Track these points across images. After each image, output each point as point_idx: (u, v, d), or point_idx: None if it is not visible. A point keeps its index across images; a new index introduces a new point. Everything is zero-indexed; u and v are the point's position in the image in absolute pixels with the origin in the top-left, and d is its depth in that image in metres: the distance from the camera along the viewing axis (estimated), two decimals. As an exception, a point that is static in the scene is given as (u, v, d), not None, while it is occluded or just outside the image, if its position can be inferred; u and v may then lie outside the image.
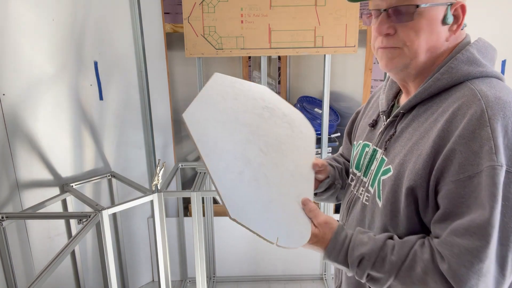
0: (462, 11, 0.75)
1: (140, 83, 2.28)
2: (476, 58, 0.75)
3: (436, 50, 0.77)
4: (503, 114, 0.65)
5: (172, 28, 2.30)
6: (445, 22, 0.75)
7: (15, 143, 1.82)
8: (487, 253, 0.62)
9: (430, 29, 0.74)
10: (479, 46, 0.78)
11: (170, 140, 2.50)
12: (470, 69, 0.74)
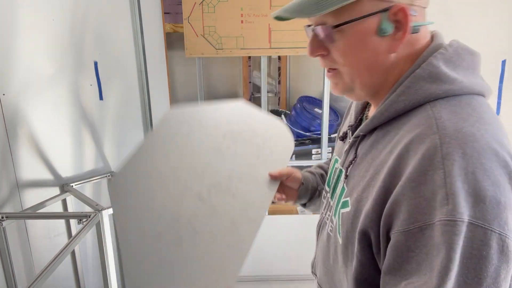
0: (403, 15, 0.61)
1: (140, 83, 2.27)
2: (441, 72, 0.60)
3: (380, 66, 0.64)
4: (462, 152, 0.51)
5: (172, 28, 2.30)
6: (381, 33, 0.60)
7: (15, 143, 1.82)
8: None
9: (362, 46, 0.61)
10: (448, 54, 0.63)
11: (170, 140, 2.49)
12: (432, 87, 0.60)
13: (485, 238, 0.49)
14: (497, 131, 0.56)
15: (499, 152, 0.52)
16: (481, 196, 0.50)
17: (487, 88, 0.63)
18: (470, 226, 0.49)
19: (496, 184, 0.50)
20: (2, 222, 1.68)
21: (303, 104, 2.67)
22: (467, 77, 0.61)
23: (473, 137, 0.53)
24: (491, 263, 0.49)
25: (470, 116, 0.56)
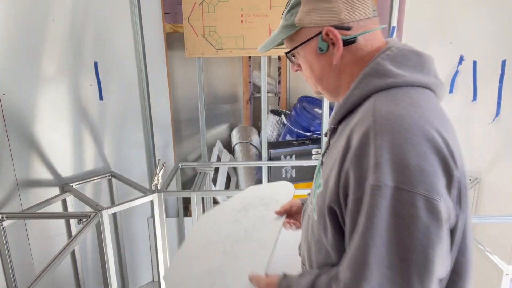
0: (332, 35, 0.73)
1: (140, 83, 2.28)
2: (386, 69, 0.71)
3: (329, 74, 0.78)
4: (391, 130, 0.61)
5: (172, 28, 2.30)
6: (320, 51, 0.76)
7: (15, 143, 1.82)
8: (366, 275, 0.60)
9: (312, 62, 0.79)
10: (393, 55, 0.72)
11: (170, 140, 2.50)
12: (377, 82, 0.71)
13: (411, 200, 0.58)
14: (428, 113, 0.65)
15: (426, 129, 0.62)
16: (406, 164, 0.59)
17: (436, 84, 0.74)
18: (397, 191, 0.59)
19: (421, 155, 0.60)
20: (2, 222, 1.68)
21: (303, 104, 2.67)
22: (412, 73, 0.71)
23: (402, 117, 0.63)
24: (420, 221, 0.58)
25: (403, 101, 0.66)
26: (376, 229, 0.60)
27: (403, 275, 0.59)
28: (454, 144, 0.65)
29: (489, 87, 1.94)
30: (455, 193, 0.63)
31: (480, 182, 2.07)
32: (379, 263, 0.60)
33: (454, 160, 0.63)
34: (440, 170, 0.61)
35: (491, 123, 1.97)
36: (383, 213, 0.59)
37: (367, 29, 0.76)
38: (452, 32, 2.03)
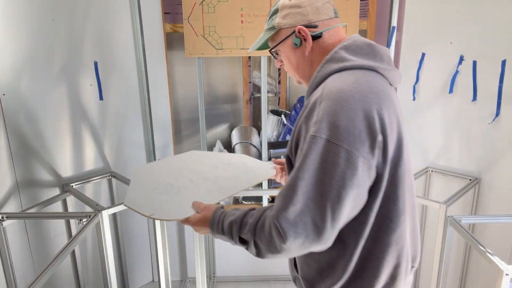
0: (303, 33, 0.95)
1: (140, 83, 2.27)
2: (341, 56, 0.90)
3: (304, 64, 0.99)
4: (332, 98, 0.81)
5: (172, 28, 2.29)
6: (295, 46, 0.97)
7: (15, 143, 1.82)
8: (293, 201, 0.78)
9: (290, 55, 1.00)
10: (348, 45, 0.92)
11: (170, 140, 2.50)
12: (334, 66, 0.90)
13: (336, 151, 0.78)
14: (367, 89, 0.83)
15: (360, 100, 0.81)
16: (337, 125, 0.79)
17: (386, 68, 0.92)
18: (327, 142, 0.79)
19: (350, 119, 0.79)
20: (2, 222, 1.68)
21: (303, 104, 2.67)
22: (363, 59, 0.90)
23: (342, 91, 0.82)
24: (339, 166, 0.78)
25: (347, 79, 0.85)
26: (306, 168, 0.79)
27: (319, 206, 0.78)
28: (388, 115, 0.83)
29: (489, 87, 1.94)
30: (378, 153, 0.81)
31: (480, 182, 2.07)
32: (304, 193, 0.79)
33: (383, 127, 0.81)
34: (365, 134, 0.79)
35: (491, 123, 1.97)
36: (314, 157, 0.79)
37: (330, 26, 0.96)
38: (452, 32, 2.03)
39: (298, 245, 0.79)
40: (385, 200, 0.86)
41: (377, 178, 0.83)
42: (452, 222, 1.69)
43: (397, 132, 0.85)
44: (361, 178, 0.79)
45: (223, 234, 0.93)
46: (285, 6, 0.97)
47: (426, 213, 2.35)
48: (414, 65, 2.19)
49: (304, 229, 0.78)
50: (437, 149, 2.22)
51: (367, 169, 0.80)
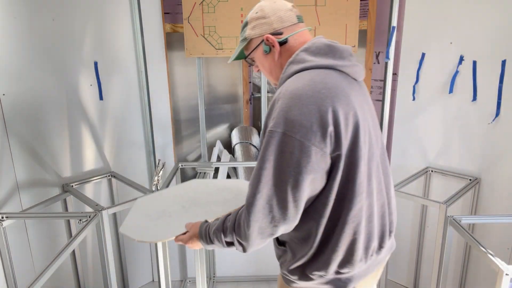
0: (270, 40, 1.06)
1: (140, 83, 2.27)
2: (302, 57, 1.01)
3: (275, 67, 1.10)
4: (288, 97, 0.92)
5: (172, 28, 2.29)
6: (265, 52, 1.09)
7: (15, 143, 1.82)
8: (259, 188, 0.92)
9: (262, 61, 1.12)
10: (308, 47, 1.02)
11: (170, 140, 2.50)
12: (295, 67, 1.01)
13: (291, 142, 0.90)
14: (320, 86, 0.93)
15: (313, 97, 0.91)
16: (292, 119, 0.90)
17: (345, 65, 1.02)
18: (283, 135, 0.90)
19: (303, 114, 0.90)
20: (2, 222, 1.68)
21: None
22: (322, 59, 1.00)
23: (297, 89, 0.93)
24: (295, 155, 0.90)
25: (303, 79, 0.96)
26: (267, 158, 0.92)
27: (282, 190, 0.92)
28: (342, 108, 0.93)
29: (489, 87, 1.94)
30: (331, 141, 0.92)
31: (480, 182, 2.07)
32: (267, 181, 0.92)
33: (335, 119, 0.91)
34: (316, 125, 0.90)
35: (491, 123, 1.97)
36: (272, 148, 0.91)
37: (294, 31, 1.07)
38: (452, 32, 2.03)
39: (267, 224, 0.94)
40: (344, 182, 0.96)
41: (334, 163, 0.94)
42: (452, 222, 1.69)
43: (354, 121, 0.95)
44: (315, 164, 0.91)
45: (212, 244, 1.07)
46: (252, 19, 1.09)
47: (426, 213, 2.35)
48: (414, 65, 2.19)
49: (271, 211, 0.93)
50: (437, 149, 2.22)
51: (321, 156, 0.91)
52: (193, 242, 1.13)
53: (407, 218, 2.44)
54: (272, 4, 1.08)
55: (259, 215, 0.93)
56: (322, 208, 0.97)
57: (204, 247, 1.12)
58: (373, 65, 2.46)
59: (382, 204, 1.08)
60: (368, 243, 1.04)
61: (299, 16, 1.10)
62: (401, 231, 2.47)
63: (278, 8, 1.07)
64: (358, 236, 1.00)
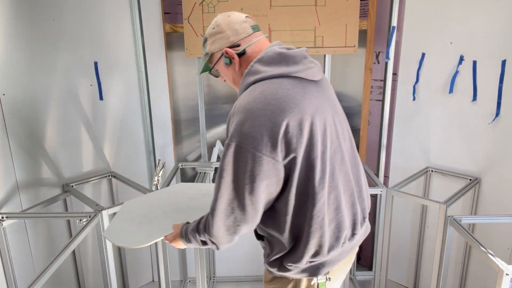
0: (229, 53, 1.13)
1: (140, 83, 2.27)
2: (256, 69, 1.07)
3: (238, 77, 1.16)
4: (241, 111, 1.01)
5: (172, 28, 2.29)
6: (226, 64, 1.16)
7: (15, 143, 1.82)
8: (220, 194, 1.02)
9: (226, 72, 1.19)
10: (261, 58, 1.08)
11: (170, 140, 2.50)
12: (251, 78, 1.07)
13: (244, 153, 0.98)
14: (270, 96, 1.00)
15: (263, 109, 0.99)
16: (244, 132, 0.98)
17: (299, 70, 1.07)
18: (237, 147, 0.99)
19: (254, 127, 0.98)
20: (2, 222, 1.68)
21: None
22: (275, 68, 1.06)
23: (248, 103, 1.01)
24: (249, 164, 0.99)
25: (254, 91, 1.03)
26: (225, 169, 1.01)
27: (239, 194, 1.01)
28: (294, 115, 0.99)
29: (489, 87, 1.94)
30: (281, 150, 0.99)
31: (480, 182, 2.07)
32: (227, 187, 1.02)
33: (286, 128, 0.98)
34: (267, 137, 0.98)
35: (491, 123, 1.97)
36: (229, 159, 1.00)
37: (250, 42, 1.14)
38: (452, 32, 2.03)
39: (231, 224, 1.05)
40: (304, 181, 1.04)
41: (290, 167, 1.02)
42: (452, 222, 1.69)
43: (309, 125, 1.02)
44: (268, 171, 0.99)
45: (191, 243, 1.17)
46: (210, 34, 1.16)
47: (426, 213, 2.35)
48: (414, 65, 2.19)
49: (232, 212, 1.03)
50: (437, 149, 2.22)
51: (272, 164, 1.00)
52: (176, 241, 1.22)
53: (407, 218, 2.44)
54: (226, 18, 1.14)
55: (222, 216, 1.04)
56: (285, 207, 1.06)
57: (186, 246, 1.20)
58: (373, 65, 2.46)
59: (350, 194, 1.14)
60: (339, 233, 1.11)
61: (254, 26, 1.16)
62: (401, 231, 2.47)
63: (233, 21, 1.13)
64: (326, 228, 1.07)
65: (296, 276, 1.14)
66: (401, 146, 2.37)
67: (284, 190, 1.05)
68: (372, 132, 2.56)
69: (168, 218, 1.44)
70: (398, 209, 2.42)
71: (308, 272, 1.13)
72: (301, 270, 1.13)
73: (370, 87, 2.50)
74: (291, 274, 1.14)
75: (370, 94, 2.50)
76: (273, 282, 1.22)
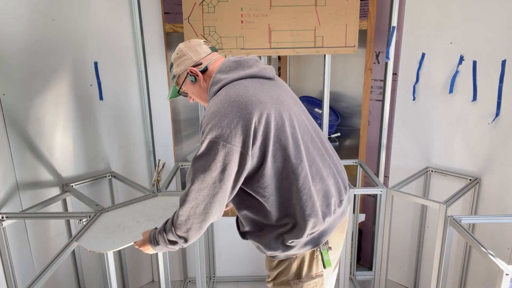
0: (194, 71, 1.26)
1: (140, 83, 2.27)
2: (218, 78, 1.20)
3: (203, 92, 1.29)
4: (209, 117, 1.11)
5: (172, 28, 2.30)
6: (192, 82, 1.29)
7: (15, 143, 1.82)
8: (193, 181, 1.11)
9: (192, 90, 1.32)
10: (220, 68, 1.22)
11: (170, 140, 2.50)
12: (215, 87, 1.20)
13: (217, 146, 1.08)
14: (233, 95, 1.12)
15: (230, 107, 1.09)
16: (218, 129, 1.08)
17: (254, 72, 1.21)
18: (211, 142, 1.08)
19: (228, 124, 1.08)
20: (2, 222, 1.68)
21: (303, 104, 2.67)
22: (233, 73, 1.19)
23: (216, 107, 1.12)
24: (220, 155, 1.08)
25: (218, 97, 1.15)
26: (198, 159, 1.11)
27: (208, 182, 1.10)
28: (258, 108, 1.10)
29: (489, 87, 1.94)
30: (257, 142, 1.10)
31: (480, 182, 2.07)
32: (197, 175, 1.10)
33: (254, 121, 1.09)
34: (240, 132, 1.08)
35: (491, 123, 1.97)
36: (203, 151, 1.10)
37: (210, 59, 1.28)
38: (452, 32, 2.03)
39: (201, 212, 1.13)
40: (282, 162, 1.14)
41: (262, 153, 1.12)
42: (452, 222, 1.69)
43: (274, 111, 1.13)
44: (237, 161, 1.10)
45: (158, 244, 1.25)
46: (175, 59, 1.31)
47: (426, 213, 2.35)
48: (414, 65, 2.19)
49: (203, 200, 1.12)
50: (437, 149, 2.22)
51: (241, 154, 1.10)
52: (145, 246, 1.31)
53: (407, 218, 2.44)
54: (187, 44, 1.31)
55: (192, 203, 1.13)
56: (264, 191, 1.16)
57: (153, 250, 1.29)
58: (373, 65, 2.46)
59: (329, 166, 1.25)
60: (328, 200, 1.22)
61: (212, 47, 1.33)
62: (401, 231, 2.47)
63: (193, 45, 1.30)
64: (315, 197, 1.18)
65: (300, 251, 1.23)
66: (401, 146, 2.37)
67: (259, 176, 1.15)
68: (372, 132, 2.56)
69: (141, 227, 1.58)
70: (398, 209, 2.42)
71: (311, 244, 1.22)
72: (304, 244, 1.21)
73: (370, 87, 2.50)
74: (294, 251, 1.22)
75: (370, 94, 2.50)
76: (279, 266, 1.29)
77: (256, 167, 1.14)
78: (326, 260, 1.24)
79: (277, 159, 1.14)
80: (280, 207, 1.18)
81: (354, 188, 2.06)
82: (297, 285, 1.27)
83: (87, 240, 1.49)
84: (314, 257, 1.25)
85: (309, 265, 1.26)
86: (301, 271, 1.26)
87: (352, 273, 2.61)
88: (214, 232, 2.54)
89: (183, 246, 1.23)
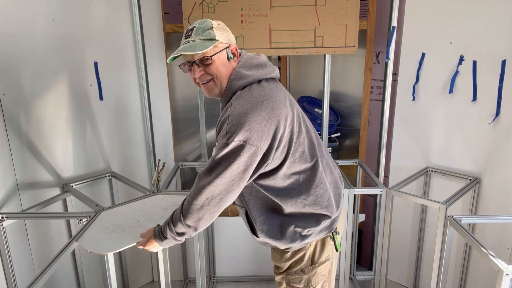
0: (235, 50, 1.24)
1: (140, 83, 2.28)
2: (241, 73, 1.21)
3: (227, 76, 1.23)
4: (235, 116, 1.12)
5: (172, 28, 2.29)
6: (229, 59, 1.23)
7: (15, 143, 1.82)
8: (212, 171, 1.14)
9: (219, 66, 1.21)
10: (242, 62, 1.24)
11: (170, 140, 2.50)
12: (238, 83, 1.20)
13: (244, 147, 1.11)
14: (260, 98, 1.15)
15: (255, 109, 1.12)
16: (246, 131, 1.10)
17: (271, 71, 1.25)
18: (238, 143, 1.10)
19: (257, 127, 1.11)
20: (2, 222, 1.68)
21: (303, 104, 2.67)
22: (256, 71, 1.22)
23: (238, 111, 1.13)
24: (245, 156, 1.11)
25: (246, 95, 1.17)
26: (221, 157, 1.12)
27: (228, 179, 1.13)
28: (281, 110, 1.15)
29: (489, 87, 1.94)
30: (281, 145, 1.16)
31: (480, 182, 2.07)
32: (218, 171, 1.13)
33: (284, 127, 1.15)
34: (267, 135, 1.12)
35: (491, 123, 1.97)
36: (229, 151, 1.11)
37: (239, 49, 1.28)
38: (452, 32, 2.03)
39: (217, 203, 1.16)
40: (310, 150, 1.23)
41: (289, 147, 1.18)
42: (452, 222, 1.69)
43: (292, 112, 1.19)
44: (257, 161, 1.14)
45: (166, 238, 1.26)
46: (217, 27, 1.22)
47: (426, 213, 2.35)
48: (414, 65, 2.19)
49: (223, 191, 1.15)
50: (437, 149, 2.22)
51: (266, 155, 1.15)
52: (150, 243, 1.31)
53: (407, 218, 2.44)
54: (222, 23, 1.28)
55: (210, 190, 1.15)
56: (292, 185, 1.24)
57: (160, 245, 1.31)
58: (373, 65, 2.46)
59: (330, 158, 1.37)
60: (338, 189, 1.35)
61: None
62: (401, 231, 2.47)
63: None
64: (329, 188, 1.29)
65: (314, 239, 1.31)
66: (401, 146, 2.37)
67: (280, 172, 1.20)
68: (372, 132, 2.56)
69: (141, 227, 1.55)
70: (398, 209, 2.42)
71: (326, 231, 1.32)
72: (319, 231, 1.30)
73: (370, 87, 2.50)
74: (310, 239, 1.30)
75: (370, 94, 2.50)
76: (293, 256, 1.36)
77: (274, 167, 1.20)
78: (338, 244, 1.35)
79: (295, 159, 1.21)
80: (296, 203, 1.25)
81: (354, 188, 2.05)
82: (311, 271, 1.35)
83: (87, 241, 1.48)
84: (324, 242, 1.34)
85: (321, 250, 1.34)
86: (313, 257, 1.34)
87: (352, 273, 2.61)
88: (214, 232, 2.54)
89: (191, 236, 1.25)
